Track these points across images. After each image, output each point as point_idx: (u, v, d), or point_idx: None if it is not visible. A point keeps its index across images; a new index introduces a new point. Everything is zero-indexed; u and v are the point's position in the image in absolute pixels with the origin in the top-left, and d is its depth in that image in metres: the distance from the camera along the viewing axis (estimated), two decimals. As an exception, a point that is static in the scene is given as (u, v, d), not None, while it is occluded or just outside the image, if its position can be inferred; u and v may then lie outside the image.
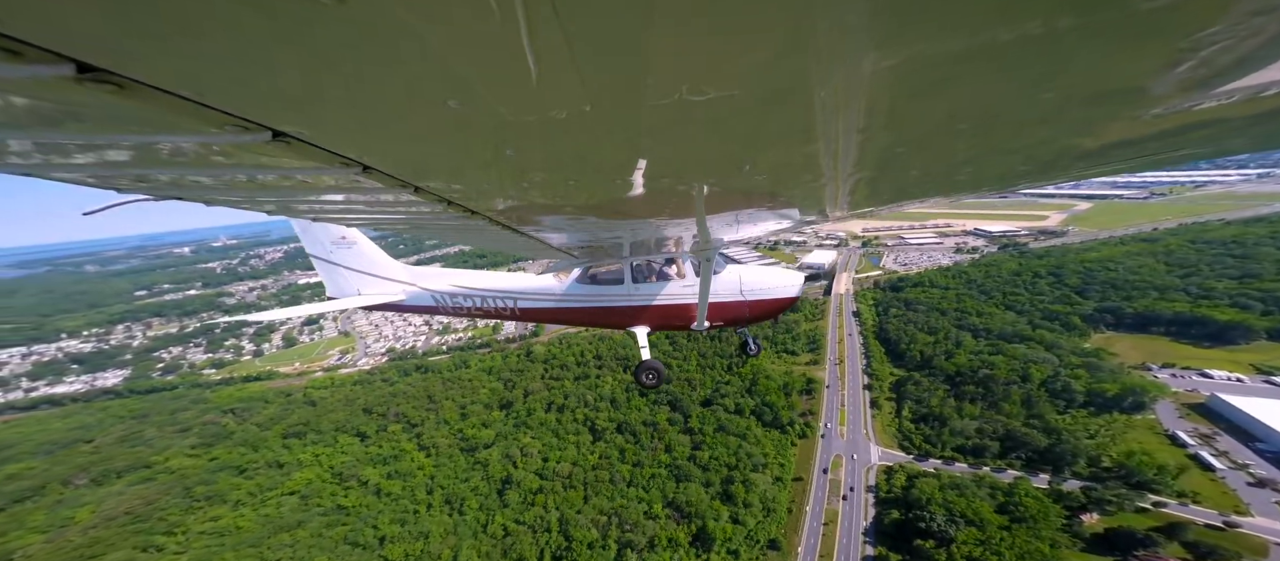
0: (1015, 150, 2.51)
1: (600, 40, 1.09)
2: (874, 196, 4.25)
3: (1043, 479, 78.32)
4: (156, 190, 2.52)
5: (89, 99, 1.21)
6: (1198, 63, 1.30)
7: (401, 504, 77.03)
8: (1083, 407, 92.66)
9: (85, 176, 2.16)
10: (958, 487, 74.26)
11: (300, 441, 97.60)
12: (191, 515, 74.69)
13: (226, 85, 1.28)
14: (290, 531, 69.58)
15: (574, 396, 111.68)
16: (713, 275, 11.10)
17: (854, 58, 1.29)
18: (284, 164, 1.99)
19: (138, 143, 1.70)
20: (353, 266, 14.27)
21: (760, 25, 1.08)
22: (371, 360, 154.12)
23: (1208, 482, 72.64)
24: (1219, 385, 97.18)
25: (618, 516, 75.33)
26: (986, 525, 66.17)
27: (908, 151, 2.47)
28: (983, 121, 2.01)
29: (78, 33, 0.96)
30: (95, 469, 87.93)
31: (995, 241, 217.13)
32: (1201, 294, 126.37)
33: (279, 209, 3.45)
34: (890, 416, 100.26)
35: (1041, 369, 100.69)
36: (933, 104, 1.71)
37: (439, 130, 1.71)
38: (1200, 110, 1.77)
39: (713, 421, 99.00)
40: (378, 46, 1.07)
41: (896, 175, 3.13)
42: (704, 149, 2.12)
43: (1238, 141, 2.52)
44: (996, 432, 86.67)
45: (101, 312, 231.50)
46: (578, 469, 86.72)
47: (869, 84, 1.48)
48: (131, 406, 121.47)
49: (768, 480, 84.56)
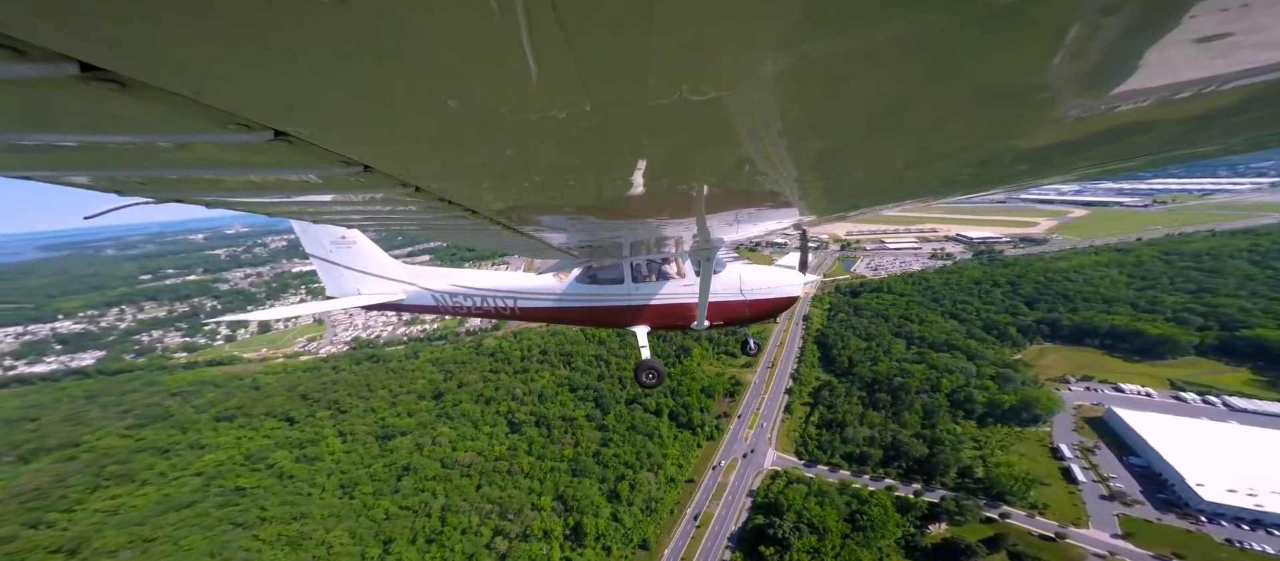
0: (1014, 149, 2.54)
1: (600, 40, 1.07)
2: (874, 197, 4.29)
3: (914, 487, 79.57)
4: (158, 192, 2.56)
5: (91, 98, 1.20)
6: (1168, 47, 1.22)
7: (298, 487, 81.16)
8: (980, 419, 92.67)
9: (88, 179, 2.19)
10: (823, 494, 75.38)
11: (230, 424, 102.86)
12: (95, 493, 79.46)
13: (227, 85, 1.27)
14: (179, 511, 73.98)
15: (505, 389, 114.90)
16: (712, 275, 11.08)
17: (855, 58, 1.27)
18: (285, 164, 2.03)
19: (139, 142, 1.72)
20: (353, 266, 14.32)
21: (760, 25, 1.07)
22: (333, 348, 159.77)
23: (1066, 495, 73.79)
24: (1124, 399, 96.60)
25: (501, 506, 78.19)
26: (828, 533, 67.49)
27: (908, 152, 2.47)
28: (981, 121, 2.02)
29: (80, 32, 0.95)
30: (27, 447, 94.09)
31: (972, 248, 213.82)
32: (1147, 308, 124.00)
33: (280, 210, 3.48)
34: (800, 421, 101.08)
35: (953, 379, 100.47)
36: (933, 104, 1.71)
37: (439, 130, 1.71)
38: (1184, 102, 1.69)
39: (628, 420, 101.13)
40: (378, 46, 1.06)
41: (897, 176, 3.09)
42: (704, 149, 2.13)
43: (1235, 141, 2.45)
44: (883, 441, 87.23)
45: (103, 295, 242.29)
46: (481, 459, 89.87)
47: (869, 84, 1.47)
48: (89, 387, 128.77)
49: (661, 480, 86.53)
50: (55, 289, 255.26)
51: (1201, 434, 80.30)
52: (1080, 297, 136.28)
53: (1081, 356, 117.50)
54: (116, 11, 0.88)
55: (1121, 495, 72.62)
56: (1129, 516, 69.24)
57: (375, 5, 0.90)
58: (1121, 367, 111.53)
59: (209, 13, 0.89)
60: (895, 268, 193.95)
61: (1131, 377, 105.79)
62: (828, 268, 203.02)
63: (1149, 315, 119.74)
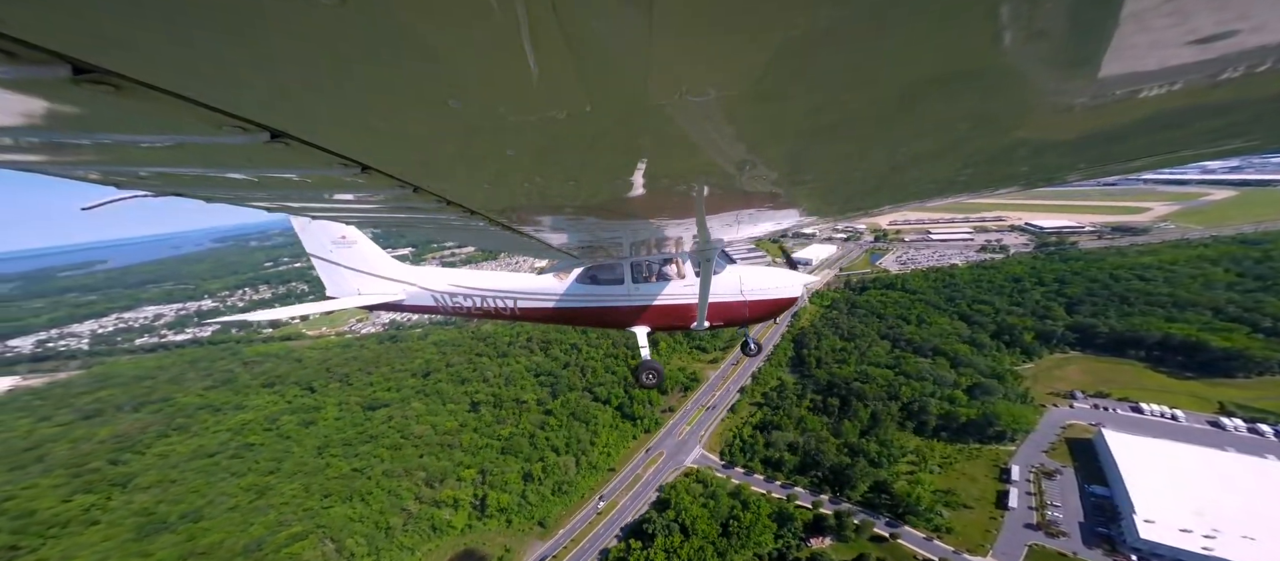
0: (1019, 149, 2.48)
1: (600, 40, 1.08)
2: (875, 197, 4.28)
3: (821, 498, 75.35)
4: (156, 188, 2.58)
5: (87, 99, 1.19)
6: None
7: (288, 447, 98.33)
8: (934, 432, 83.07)
9: (85, 173, 2.18)
10: (715, 496, 74.12)
11: (269, 390, 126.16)
12: (162, 440, 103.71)
13: (225, 86, 1.26)
14: (203, 459, 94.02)
15: (480, 371, 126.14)
16: (713, 275, 11.14)
17: (855, 58, 1.27)
18: (283, 164, 2.02)
19: (136, 142, 1.70)
20: (352, 266, 14.34)
21: (760, 26, 1.06)
22: (372, 329, 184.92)
23: (985, 520, 66.31)
24: (1136, 421, 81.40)
25: (431, 475, 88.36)
26: (694, 535, 66.69)
27: (909, 152, 2.45)
28: (985, 123, 1.99)
29: (74, 33, 0.94)
30: (137, 399, 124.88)
31: (1040, 238, 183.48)
32: (1237, 316, 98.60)
33: (278, 207, 3.52)
34: (740, 421, 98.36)
35: (914, 388, 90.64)
36: (933, 104, 1.68)
37: (439, 130, 1.71)
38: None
39: (572, 407, 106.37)
40: (377, 46, 1.06)
41: (897, 177, 3.04)
42: (704, 149, 2.12)
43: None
44: (808, 448, 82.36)
45: (237, 278, 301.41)
46: (432, 432, 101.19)
47: (869, 84, 1.47)
48: (196, 353, 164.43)
49: (584, 466, 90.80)
50: (207, 273, 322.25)
51: (1210, 465, 66.09)
52: (1144, 300, 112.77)
53: (1113, 369, 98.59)
54: (112, 12, 0.87)
55: (1052, 524, 63.58)
56: (1044, 547, 60.62)
57: (375, 5, 0.89)
58: (1162, 384, 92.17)
59: (205, 14, 0.88)
60: (934, 260, 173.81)
61: (1173, 397, 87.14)
62: (851, 261, 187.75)
63: (1236, 324, 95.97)
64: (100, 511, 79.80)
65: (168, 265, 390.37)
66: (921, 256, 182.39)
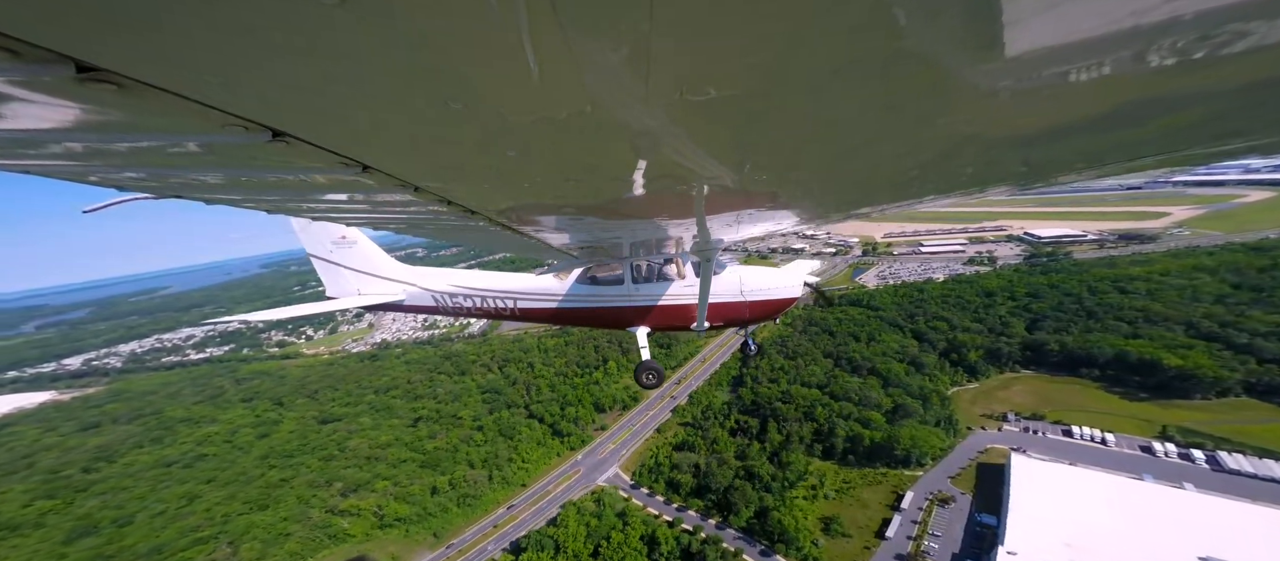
0: (1020, 148, 2.44)
1: (600, 40, 1.07)
2: (875, 197, 4.32)
3: (711, 522, 72.95)
4: (157, 189, 2.59)
5: (89, 99, 1.20)
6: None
7: (235, 457, 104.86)
8: (842, 456, 79.20)
9: (87, 175, 2.17)
10: (599, 517, 73.46)
11: (245, 405, 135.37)
12: (135, 450, 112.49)
13: (226, 86, 1.26)
14: (162, 468, 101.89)
15: (432, 389, 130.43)
16: (713, 275, 11.06)
17: (855, 59, 1.26)
18: (284, 163, 2.03)
19: (137, 143, 1.71)
20: (352, 266, 14.29)
21: (760, 26, 1.06)
22: (362, 347, 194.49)
23: (858, 549, 63.32)
24: (1059, 445, 75.51)
25: (347, 486, 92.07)
26: (562, 554, 66.48)
27: (908, 150, 2.45)
28: (984, 122, 1.99)
29: (78, 33, 0.95)
30: (130, 412, 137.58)
31: (1035, 248, 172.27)
32: (1208, 331, 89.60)
33: (278, 207, 3.54)
34: (664, 441, 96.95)
35: (828, 409, 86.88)
36: (933, 105, 1.67)
37: (439, 130, 1.71)
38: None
39: (502, 424, 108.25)
40: (378, 47, 1.06)
41: (897, 176, 3.04)
42: (704, 149, 2.12)
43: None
44: (706, 470, 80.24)
45: (266, 301, 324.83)
46: (367, 444, 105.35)
47: (869, 85, 1.47)
48: (201, 371, 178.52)
49: (496, 482, 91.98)
50: (244, 296, 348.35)
51: (1103, 491, 60.58)
52: (1113, 315, 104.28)
53: (1060, 390, 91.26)
54: (114, 12, 0.87)
55: (924, 556, 60.16)
56: (907, 578, 56.23)
57: (375, 5, 0.89)
58: (1110, 405, 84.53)
59: (207, 14, 0.88)
60: (917, 275, 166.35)
61: (1114, 420, 79.94)
62: (831, 276, 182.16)
63: (1202, 341, 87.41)
64: (55, 516, 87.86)
65: (216, 290, 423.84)
66: (904, 270, 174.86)
